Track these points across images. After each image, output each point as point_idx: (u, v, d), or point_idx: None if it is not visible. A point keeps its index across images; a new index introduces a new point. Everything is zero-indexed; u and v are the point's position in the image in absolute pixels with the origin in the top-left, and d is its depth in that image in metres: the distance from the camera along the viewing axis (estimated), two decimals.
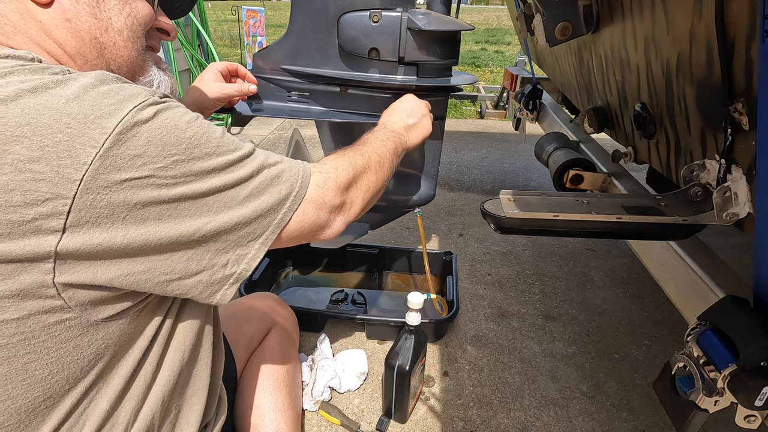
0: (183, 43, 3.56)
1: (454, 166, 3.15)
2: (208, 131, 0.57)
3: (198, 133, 0.55)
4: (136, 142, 0.50)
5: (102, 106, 0.50)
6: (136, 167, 0.50)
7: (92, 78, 0.53)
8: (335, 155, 0.77)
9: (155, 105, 0.53)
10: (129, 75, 0.64)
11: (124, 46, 0.63)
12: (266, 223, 0.62)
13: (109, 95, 0.51)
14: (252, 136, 3.60)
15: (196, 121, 0.57)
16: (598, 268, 1.99)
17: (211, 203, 0.56)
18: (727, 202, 0.78)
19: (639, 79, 1.06)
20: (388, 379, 1.17)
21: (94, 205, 0.49)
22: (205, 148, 0.56)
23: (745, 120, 0.70)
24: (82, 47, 0.59)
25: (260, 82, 1.12)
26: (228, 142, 0.59)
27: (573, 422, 1.25)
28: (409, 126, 0.96)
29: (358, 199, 0.75)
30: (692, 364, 0.68)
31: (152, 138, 0.51)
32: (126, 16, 0.62)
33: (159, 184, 0.52)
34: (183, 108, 0.57)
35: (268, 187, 0.61)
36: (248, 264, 0.62)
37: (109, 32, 0.61)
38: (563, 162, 1.35)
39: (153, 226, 0.53)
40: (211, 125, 0.59)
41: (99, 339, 0.55)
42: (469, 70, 7.38)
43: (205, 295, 0.61)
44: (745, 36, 0.67)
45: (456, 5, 1.21)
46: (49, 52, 0.58)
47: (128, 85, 0.54)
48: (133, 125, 0.50)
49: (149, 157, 0.51)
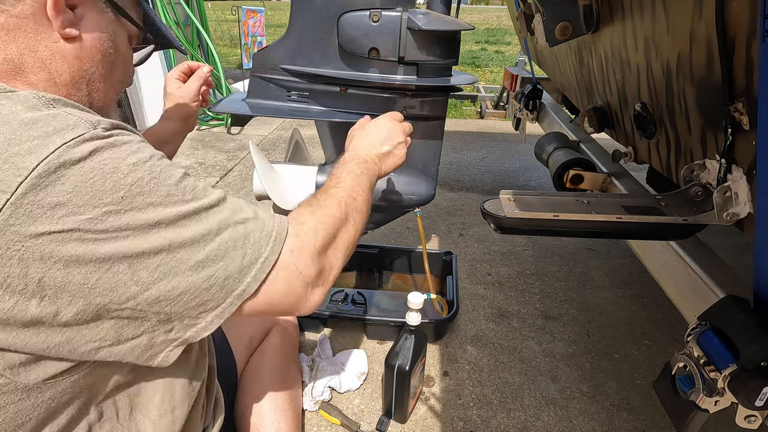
0: (183, 43, 3.56)
1: (454, 166, 3.15)
2: (158, 175, 0.48)
3: (143, 178, 0.46)
4: (60, 187, 0.42)
5: (22, 140, 0.42)
6: (57, 218, 0.42)
7: (18, 102, 0.46)
8: (310, 207, 0.66)
9: (94, 141, 0.45)
10: (103, 111, 0.61)
11: (112, 96, 0.64)
12: (223, 294, 0.51)
13: (34, 125, 0.43)
14: (252, 136, 3.60)
15: (147, 162, 0.48)
16: (598, 268, 1.99)
17: (152, 266, 0.46)
18: (728, 201, 0.78)
19: (639, 79, 1.06)
20: (388, 379, 1.17)
21: (2, 263, 0.41)
22: (150, 196, 0.46)
23: (745, 120, 0.70)
24: (75, 83, 0.57)
25: (260, 82, 1.12)
26: (185, 189, 0.50)
27: (573, 422, 1.25)
28: (383, 154, 0.86)
29: (337, 261, 0.64)
30: (692, 364, 0.68)
31: (81, 183, 0.43)
32: (122, 74, 0.65)
33: (85, 239, 0.43)
34: (134, 144, 0.49)
35: (229, 251, 0.51)
36: (197, 333, 0.52)
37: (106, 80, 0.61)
38: (563, 162, 1.35)
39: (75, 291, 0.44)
40: (168, 167, 0.50)
41: (47, 400, 0.48)
42: (469, 70, 7.38)
43: (143, 359, 0.52)
44: (745, 36, 0.67)
45: (456, 5, 1.21)
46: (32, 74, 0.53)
47: (65, 113, 0.46)
48: (59, 166, 0.42)
49: (75, 206, 0.42)
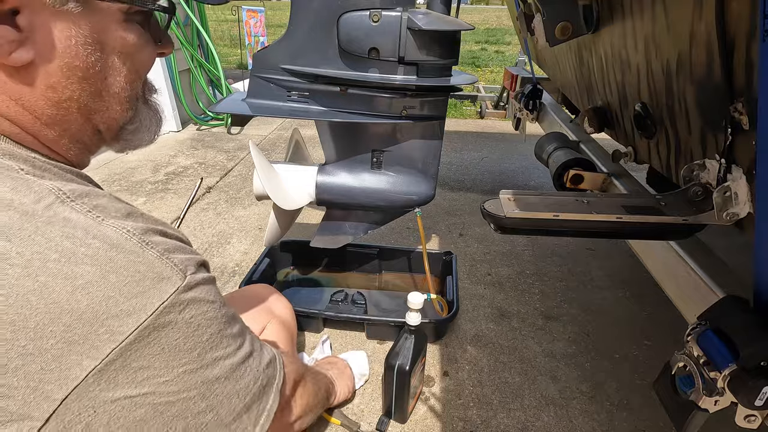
0: (183, 43, 3.56)
1: (454, 166, 3.15)
2: (224, 327, 0.50)
3: (215, 334, 0.48)
4: (149, 350, 0.40)
5: (119, 300, 0.39)
6: (138, 382, 0.40)
7: (109, 236, 0.41)
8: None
9: (186, 293, 0.44)
10: (115, 129, 0.54)
11: (120, 109, 0.52)
12: None
13: (131, 276, 0.40)
14: (252, 136, 3.60)
15: (218, 312, 0.49)
16: (598, 268, 1.99)
17: (202, 424, 0.49)
18: (727, 201, 0.78)
19: (639, 79, 1.06)
20: (388, 379, 1.17)
21: (68, 427, 0.38)
22: (217, 350, 0.48)
23: (745, 119, 0.70)
24: (65, 116, 0.47)
25: (260, 82, 1.12)
26: (236, 335, 0.53)
27: (573, 422, 1.25)
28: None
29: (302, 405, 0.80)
30: (692, 363, 0.68)
31: (168, 345, 0.42)
32: (127, 73, 0.50)
33: (156, 403, 0.42)
34: (211, 290, 0.49)
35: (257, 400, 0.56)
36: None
37: (103, 97, 0.49)
38: (563, 162, 1.35)
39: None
40: (227, 315, 0.52)
41: None
42: (469, 70, 7.38)
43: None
44: (745, 35, 0.67)
45: (456, 5, 1.21)
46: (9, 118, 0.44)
47: (151, 253, 0.43)
48: (154, 329, 0.40)
49: (157, 369, 0.41)
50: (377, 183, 1.29)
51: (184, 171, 2.84)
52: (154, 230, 0.46)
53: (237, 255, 1.95)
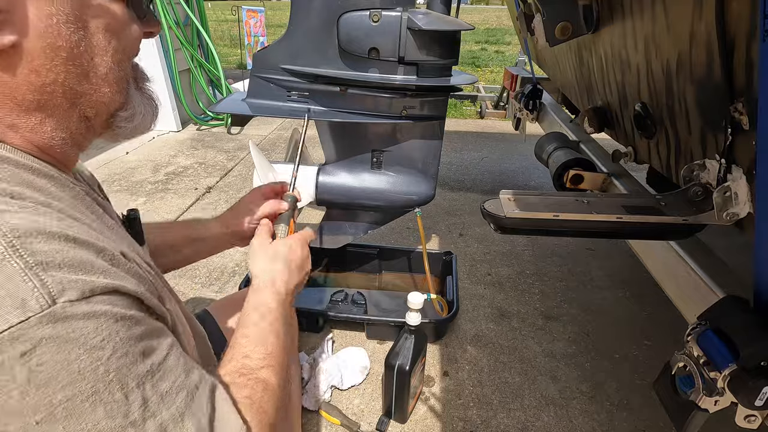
0: (183, 43, 3.56)
1: (454, 166, 3.15)
2: (107, 386, 0.38)
3: (78, 395, 0.36)
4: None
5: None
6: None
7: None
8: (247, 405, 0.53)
9: (47, 325, 0.34)
10: (105, 116, 0.50)
11: (109, 91, 0.48)
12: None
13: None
14: (252, 136, 3.60)
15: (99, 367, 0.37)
16: (598, 268, 1.99)
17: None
18: (727, 201, 0.78)
19: (639, 79, 1.06)
20: (388, 379, 1.17)
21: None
22: (80, 421, 0.36)
23: (745, 119, 0.70)
24: (48, 101, 0.43)
25: (260, 82, 1.12)
26: (134, 403, 0.39)
27: (573, 422, 1.25)
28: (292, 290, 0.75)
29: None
30: (692, 363, 0.68)
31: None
32: (114, 53, 0.46)
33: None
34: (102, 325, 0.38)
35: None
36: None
37: (90, 78, 0.45)
38: (563, 162, 1.35)
39: None
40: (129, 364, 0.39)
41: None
42: (469, 70, 7.38)
43: None
44: (745, 35, 0.67)
45: (456, 5, 1.21)
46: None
47: (14, 263, 0.35)
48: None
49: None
50: (377, 183, 1.29)
51: (184, 171, 2.84)
52: (50, 234, 0.37)
53: (237, 255, 1.95)
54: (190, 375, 0.46)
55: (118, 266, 0.43)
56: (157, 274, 0.56)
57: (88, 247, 0.40)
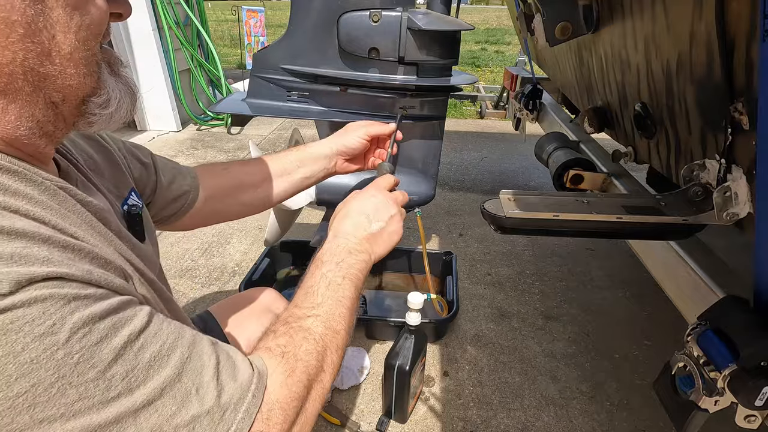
0: (183, 43, 3.56)
1: (454, 166, 3.15)
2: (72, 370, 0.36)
3: (40, 383, 0.35)
4: None
5: None
6: None
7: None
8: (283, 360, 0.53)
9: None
10: (75, 102, 0.47)
11: (75, 72, 0.44)
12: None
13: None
14: (252, 136, 3.60)
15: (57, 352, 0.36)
16: (598, 268, 1.99)
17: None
18: (727, 201, 0.78)
19: (639, 79, 1.06)
20: (388, 379, 1.17)
21: None
22: (47, 408, 0.35)
23: (745, 119, 0.70)
24: (8, 84, 0.40)
25: (260, 82, 1.12)
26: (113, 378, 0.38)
27: (573, 422, 1.25)
28: (373, 235, 0.71)
29: (310, 418, 0.53)
30: (692, 363, 0.68)
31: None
32: (77, 30, 0.42)
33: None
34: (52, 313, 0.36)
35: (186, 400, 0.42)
36: None
37: (53, 58, 0.42)
38: (563, 162, 1.35)
39: None
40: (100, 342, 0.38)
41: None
42: (469, 70, 7.38)
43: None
44: (745, 35, 0.67)
45: (456, 5, 1.21)
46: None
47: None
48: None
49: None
50: None
51: None
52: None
53: (237, 255, 1.95)
54: (181, 335, 0.45)
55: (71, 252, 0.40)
56: (150, 280, 0.54)
57: (29, 237, 0.38)
